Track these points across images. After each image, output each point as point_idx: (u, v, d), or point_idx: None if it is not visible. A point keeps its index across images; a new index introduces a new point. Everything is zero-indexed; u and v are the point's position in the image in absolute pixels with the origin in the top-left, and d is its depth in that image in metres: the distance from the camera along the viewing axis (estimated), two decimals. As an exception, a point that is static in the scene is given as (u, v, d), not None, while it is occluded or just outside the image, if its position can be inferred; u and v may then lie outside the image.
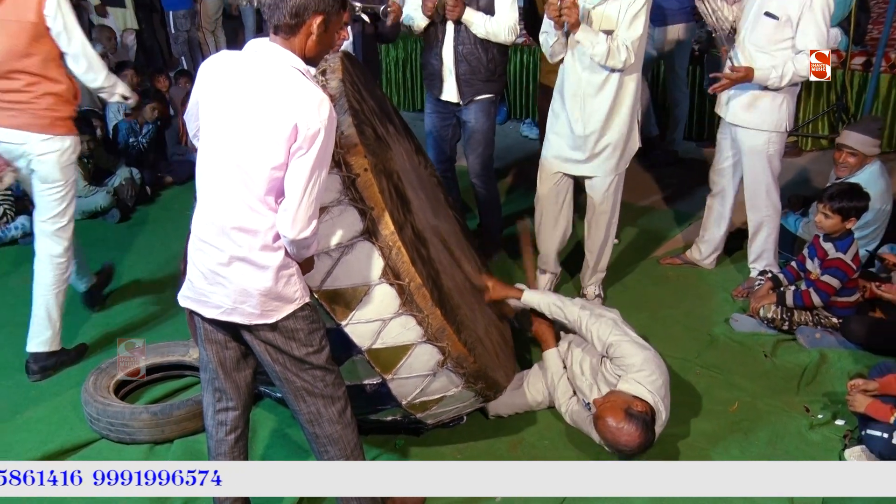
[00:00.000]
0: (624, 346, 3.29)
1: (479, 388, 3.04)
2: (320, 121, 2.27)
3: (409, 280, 2.71)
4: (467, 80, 4.36)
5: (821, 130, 6.31)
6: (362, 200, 2.67)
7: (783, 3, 3.91)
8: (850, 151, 4.38)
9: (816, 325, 4.07)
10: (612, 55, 3.72)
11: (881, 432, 3.15)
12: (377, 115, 3.31)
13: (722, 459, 3.32)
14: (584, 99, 3.93)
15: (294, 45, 2.38)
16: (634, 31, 3.75)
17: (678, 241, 5.12)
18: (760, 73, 3.95)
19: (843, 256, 3.92)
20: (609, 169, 4.09)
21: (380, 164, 2.89)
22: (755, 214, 4.39)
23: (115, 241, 5.33)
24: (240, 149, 2.34)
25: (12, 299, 4.59)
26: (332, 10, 2.39)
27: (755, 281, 4.41)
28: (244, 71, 2.37)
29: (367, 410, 3.14)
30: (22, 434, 3.47)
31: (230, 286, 2.44)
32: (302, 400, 2.62)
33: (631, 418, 3.10)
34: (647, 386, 3.20)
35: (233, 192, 2.37)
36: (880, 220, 4.48)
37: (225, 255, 2.41)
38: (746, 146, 4.24)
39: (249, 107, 2.32)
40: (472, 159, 4.60)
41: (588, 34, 3.73)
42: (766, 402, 3.64)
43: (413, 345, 2.83)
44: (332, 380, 2.63)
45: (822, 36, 3.89)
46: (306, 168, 2.30)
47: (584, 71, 3.89)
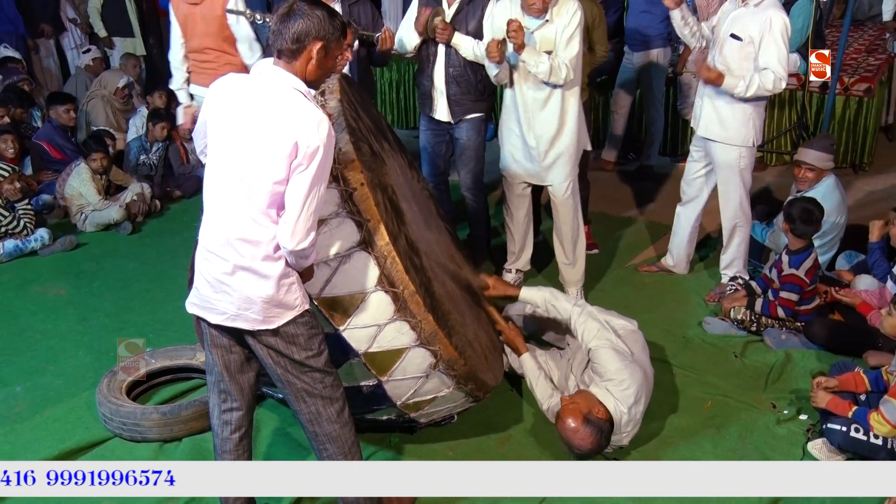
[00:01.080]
0: (603, 353, 3.25)
1: (470, 388, 3.03)
2: (319, 139, 2.28)
3: (403, 288, 2.71)
4: (458, 100, 4.36)
5: (783, 147, 6.34)
6: (359, 213, 2.67)
7: (746, 26, 3.98)
8: (809, 167, 4.43)
9: (782, 328, 4.08)
10: (554, 72, 3.84)
11: (840, 426, 3.17)
12: (373, 132, 3.31)
13: (696, 453, 3.32)
14: (532, 115, 4.05)
15: (296, 68, 2.39)
16: (571, 51, 3.87)
17: (654, 250, 5.12)
18: (729, 80, 3.99)
19: (795, 272, 3.96)
20: (565, 175, 4.18)
21: (375, 178, 2.89)
22: (729, 224, 4.40)
23: (127, 251, 5.30)
24: (244, 165, 2.35)
25: (32, 307, 4.56)
26: (332, 37, 2.40)
27: (726, 287, 4.42)
28: (249, 92, 2.38)
29: (364, 410, 3.12)
30: (40, 432, 3.44)
31: (234, 294, 2.43)
32: (302, 401, 2.61)
33: (588, 423, 3.09)
34: (615, 395, 3.17)
35: (237, 205, 2.37)
36: (836, 231, 4.50)
37: (229, 265, 2.41)
38: (719, 160, 4.26)
39: (253, 125, 2.33)
40: (464, 174, 4.60)
41: (532, 55, 3.84)
42: (737, 400, 3.64)
43: (407, 348, 2.82)
44: (331, 381, 2.62)
45: (782, 54, 3.94)
46: (306, 183, 2.30)
47: (528, 90, 4.01)
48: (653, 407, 3.53)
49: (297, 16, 2.35)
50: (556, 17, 3.86)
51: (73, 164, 5.67)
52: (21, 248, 5.15)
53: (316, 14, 2.36)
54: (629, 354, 3.31)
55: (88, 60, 7.36)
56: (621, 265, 4.96)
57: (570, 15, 3.86)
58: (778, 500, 2.99)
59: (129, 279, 4.87)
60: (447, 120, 4.45)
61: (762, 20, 3.92)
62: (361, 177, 2.69)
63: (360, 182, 2.68)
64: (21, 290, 4.78)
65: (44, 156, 6.04)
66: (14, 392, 3.75)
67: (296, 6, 2.37)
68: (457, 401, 3.10)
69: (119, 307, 4.52)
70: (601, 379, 3.22)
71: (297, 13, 2.36)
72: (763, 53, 3.94)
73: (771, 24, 3.90)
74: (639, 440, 3.37)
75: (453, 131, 4.50)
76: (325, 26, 2.37)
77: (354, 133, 2.88)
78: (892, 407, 3.03)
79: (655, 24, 5.80)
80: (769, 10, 3.93)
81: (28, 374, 3.89)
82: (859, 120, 6.04)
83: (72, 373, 3.89)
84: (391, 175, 3.22)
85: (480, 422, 3.49)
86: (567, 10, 3.86)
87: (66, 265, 5.09)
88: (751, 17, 3.97)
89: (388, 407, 3.04)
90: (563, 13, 3.86)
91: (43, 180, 5.94)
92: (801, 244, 3.97)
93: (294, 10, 2.36)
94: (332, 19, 2.39)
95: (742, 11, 4.02)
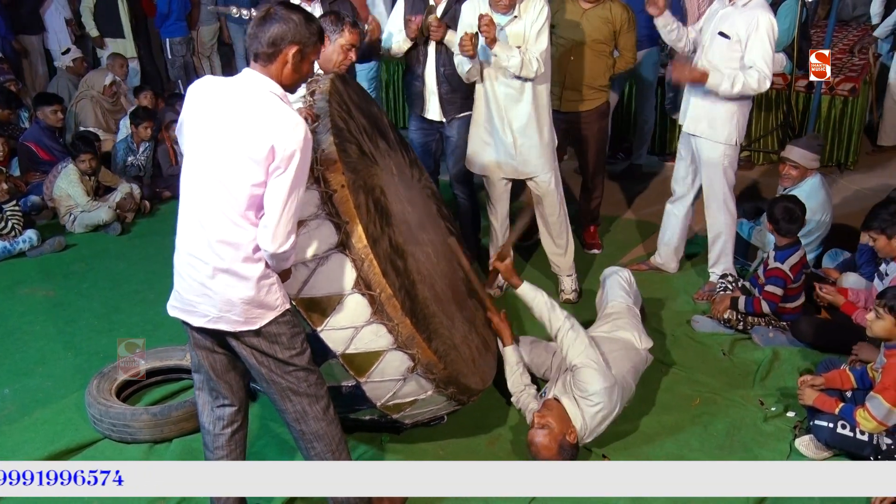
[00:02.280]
0: (585, 373, 3.20)
1: (450, 392, 3.01)
2: (296, 142, 2.29)
3: (380, 291, 2.70)
4: (449, 99, 4.35)
5: (770, 146, 6.36)
6: (338, 215, 2.67)
7: (734, 25, 3.99)
8: (793, 165, 4.46)
9: (769, 325, 4.09)
10: (525, 66, 3.86)
11: (827, 423, 3.18)
12: (367, 132, 3.28)
13: (683, 450, 3.32)
14: (505, 110, 4.06)
15: (272, 72, 2.40)
16: (541, 45, 3.92)
17: (643, 249, 5.12)
18: (714, 77, 3.99)
19: (780, 266, 3.95)
20: (544, 166, 4.18)
21: (360, 180, 2.88)
22: (713, 222, 4.40)
23: (117, 252, 5.26)
24: (222, 167, 2.35)
25: (21, 308, 4.52)
26: (309, 42, 2.41)
27: (715, 285, 4.42)
28: (226, 95, 2.39)
29: (346, 410, 3.12)
30: (30, 434, 3.42)
31: (215, 297, 2.43)
32: (288, 399, 2.60)
33: (561, 449, 3.12)
34: (586, 415, 3.17)
35: (217, 207, 2.37)
36: (822, 229, 4.52)
37: (210, 268, 2.41)
38: (704, 157, 4.26)
39: (231, 129, 2.34)
40: (455, 171, 4.58)
41: (504, 49, 3.86)
42: (725, 397, 3.64)
43: (384, 351, 2.81)
44: (315, 379, 2.62)
45: (768, 53, 3.95)
46: (284, 186, 2.31)
47: (500, 86, 4.02)
48: (641, 404, 3.55)
49: (273, 20, 2.37)
50: (523, 13, 3.91)
51: (60, 166, 5.62)
52: (9, 249, 5.11)
53: (292, 18, 2.37)
54: (611, 375, 3.25)
55: (69, 62, 7.31)
56: (612, 263, 4.93)
57: (538, 11, 3.90)
58: (763, 500, 2.99)
59: (119, 280, 4.83)
60: (439, 119, 4.44)
61: (749, 19, 3.93)
62: (342, 179, 2.68)
63: (341, 184, 2.68)
64: (9, 291, 4.74)
65: (32, 157, 5.99)
66: (2, 394, 3.72)
67: (273, 10, 2.39)
68: (439, 404, 3.08)
69: (108, 308, 4.49)
70: (579, 393, 3.21)
71: (273, 17, 2.37)
72: (749, 52, 3.95)
73: (758, 24, 3.92)
74: (627, 437, 3.38)
75: (444, 129, 4.49)
76: (300, 31, 2.38)
77: (340, 134, 2.87)
78: (878, 403, 3.04)
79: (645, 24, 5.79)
80: (756, 10, 3.95)
81: (17, 376, 3.85)
82: (844, 119, 6.07)
83: (61, 374, 3.86)
84: (383, 175, 3.20)
85: (470, 421, 3.48)
86: (534, 5, 3.90)
87: (54, 266, 5.05)
88: (738, 16, 3.98)
89: (370, 408, 3.03)
90: (531, 9, 3.90)
91: (31, 181, 5.89)
92: (786, 241, 3.98)
93: (271, 15, 2.38)
94: (308, 24, 2.40)
95: (730, 10, 4.04)
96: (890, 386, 3.04)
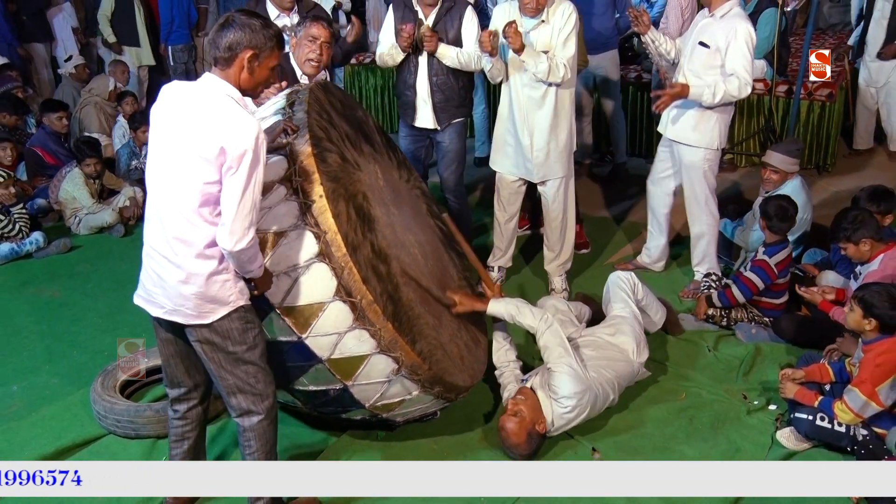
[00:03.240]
0: (561, 377, 3.21)
1: (437, 391, 3.02)
2: (246, 142, 2.33)
3: (361, 297, 2.72)
4: (443, 107, 4.36)
5: (752, 149, 6.38)
6: (317, 225, 2.69)
7: (713, 34, 4.02)
8: (773, 169, 4.48)
9: (752, 322, 4.11)
10: (552, 72, 3.86)
11: (806, 415, 3.22)
12: (350, 138, 3.28)
13: (670, 442, 3.34)
14: (527, 113, 4.05)
15: (230, 76, 2.45)
16: (568, 51, 3.90)
17: (631, 249, 5.12)
18: (695, 90, 4.00)
19: (767, 259, 3.98)
20: (556, 173, 4.18)
21: (341, 188, 2.88)
22: (696, 223, 4.42)
23: (120, 253, 5.25)
24: (178, 166, 2.41)
25: (27, 308, 4.52)
26: (265, 47, 2.45)
27: (700, 283, 4.44)
28: (185, 98, 2.45)
29: (338, 411, 3.12)
30: (37, 430, 3.41)
31: (170, 290, 2.49)
32: (234, 395, 2.64)
33: (530, 438, 3.15)
34: (555, 414, 3.20)
35: (173, 205, 2.43)
36: (802, 229, 4.54)
37: (165, 261, 2.48)
38: (685, 161, 4.28)
39: (185, 129, 2.39)
40: (447, 176, 4.59)
41: (531, 55, 3.86)
42: (710, 391, 3.66)
43: (369, 355, 2.83)
44: (263, 377, 2.64)
45: (747, 60, 3.98)
46: (238, 185, 2.35)
47: (524, 88, 4.02)
48: (630, 398, 3.57)
49: (231, 26, 2.41)
50: (551, 17, 3.90)
51: (65, 169, 5.62)
52: (16, 250, 5.10)
53: (249, 25, 2.42)
54: (587, 379, 3.25)
55: (71, 68, 7.31)
56: (600, 264, 4.97)
57: (566, 17, 3.89)
58: (739, 500, 2.99)
59: (122, 281, 4.82)
60: (432, 127, 4.43)
61: (728, 29, 3.97)
62: (321, 189, 2.70)
63: (319, 194, 2.70)
64: (17, 291, 4.73)
65: (38, 161, 5.98)
66: (11, 391, 3.71)
67: (231, 17, 2.44)
68: (427, 402, 3.09)
69: (112, 308, 4.47)
70: (551, 394, 3.22)
71: (231, 24, 2.42)
72: (729, 60, 3.98)
73: (736, 33, 3.95)
74: (616, 429, 3.40)
75: (435, 136, 4.49)
76: (256, 36, 2.42)
77: (319, 144, 2.87)
78: (855, 396, 3.08)
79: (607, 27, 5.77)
80: (734, 20, 3.99)
81: (24, 374, 3.85)
82: (822, 124, 6.10)
83: (67, 372, 3.85)
84: (367, 181, 3.19)
85: (464, 416, 3.48)
86: (562, 11, 3.90)
87: (60, 267, 5.04)
88: (717, 26, 4.02)
89: (359, 408, 3.04)
90: (559, 14, 3.89)
91: (38, 185, 5.88)
92: (775, 238, 4.00)
93: (229, 21, 2.43)
94: (265, 30, 2.44)
95: (710, 21, 4.07)
96: (866, 379, 3.07)
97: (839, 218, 3.77)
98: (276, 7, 4.62)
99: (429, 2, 4.26)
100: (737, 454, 3.26)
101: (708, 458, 3.24)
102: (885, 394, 3.07)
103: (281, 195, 2.73)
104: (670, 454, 3.26)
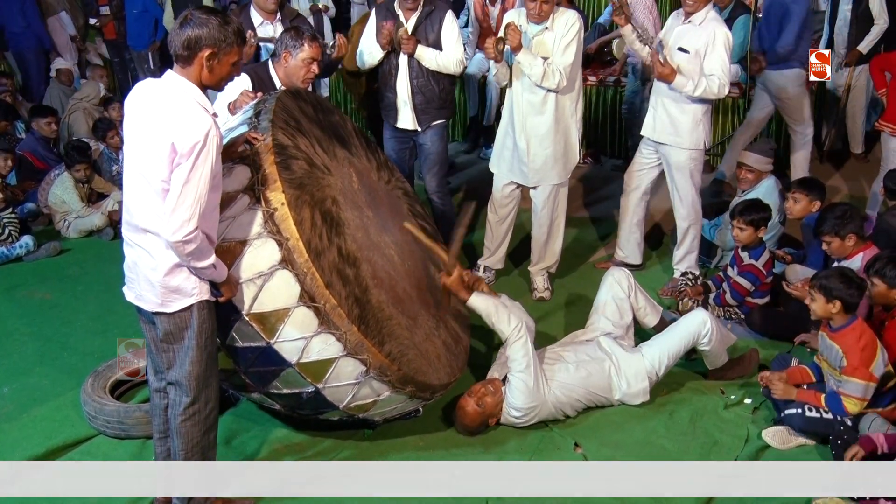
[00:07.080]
0: (514, 390, 3.27)
1: (409, 391, 3.01)
2: (195, 137, 2.33)
3: (325, 302, 2.71)
4: (423, 108, 4.35)
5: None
6: (279, 232, 2.68)
7: (692, 40, 4.06)
8: (749, 169, 4.52)
9: (728, 319, 4.14)
10: (546, 77, 3.84)
11: (796, 409, 3.23)
12: (321, 143, 3.25)
13: (650, 436, 3.35)
14: (525, 117, 4.03)
15: (190, 73, 2.45)
16: (567, 58, 3.89)
17: (610, 248, 5.12)
18: (679, 79, 4.03)
19: (755, 263, 4.04)
20: (548, 179, 4.16)
21: (305, 195, 2.86)
22: (683, 222, 4.44)
23: (109, 256, 5.17)
24: (141, 161, 2.42)
25: (18, 310, 4.47)
26: (224, 44, 2.44)
27: (679, 281, 4.46)
28: (148, 95, 2.46)
29: (314, 412, 3.10)
30: (28, 431, 3.38)
31: (139, 276, 2.53)
32: (173, 388, 2.65)
33: (481, 425, 3.30)
34: (507, 412, 3.31)
35: (141, 198, 2.46)
36: (776, 228, 4.57)
37: (136, 250, 2.52)
38: (672, 162, 4.30)
39: (145, 127, 2.41)
40: (430, 178, 4.58)
41: (527, 57, 3.85)
42: (688, 386, 3.68)
43: (336, 358, 2.82)
44: (201, 375, 2.61)
45: (725, 63, 4.02)
46: (181, 176, 2.35)
47: (524, 93, 4.00)
48: (610, 394, 3.55)
49: (189, 24, 2.40)
50: (555, 24, 3.91)
51: (54, 173, 5.57)
52: (7, 254, 5.05)
53: (207, 23, 2.40)
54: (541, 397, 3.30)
55: (53, 72, 7.32)
56: (581, 262, 4.98)
57: (569, 25, 3.90)
58: (711, 500, 2.99)
59: (112, 283, 4.71)
60: (412, 128, 4.42)
61: (707, 34, 4.01)
62: (282, 197, 2.70)
63: (281, 202, 2.69)
64: (7, 294, 4.68)
65: (28, 166, 5.91)
66: (2, 393, 3.67)
67: (190, 15, 2.42)
68: (401, 402, 3.08)
69: (102, 310, 4.43)
70: (507, 399, 3.30)
71: (190, 21, 2.41)
72: (708, 62, 4.03)
73: (714, 37, 4.00)
74: (598, 425, 3.40)
75: (417, 138, 4.48)
76: (214, 34, 2.40)
77: (284, 152, 2.86)
78: (855, 384, 3.10)
79: None
80: (712, 24, 4.03)
81: (15, 375, 3.81)
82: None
83: (57, 373, 3.81)
84: (339, 185, 3.17)
85: (448, 413, 3.46)
86: (566, 19, 3.91)
87: (50, 270, 5.00)
88: (695, 32, 4.06)
89: (334, 409, 3.02)
90: (562, 22, 3.91)
91: (28, 189, 5.81)
92: (750, 240, 4.03)
93: (188, 19, 2.42)
94: (223, 27, 2.42)
95: (687, 27, 4.10)
96: (859, 365, 3.10)
97: (826, 213, 3.83)
98: (260, 14, 4.59)
99: (409, 6, 4.25)
100: (714, 447, 3.27)
101: (687, 451, 3.25)
102: (879, 369, 3.12)
103: (245, 204, 2.71)
104: (651, 448, 3.27)
